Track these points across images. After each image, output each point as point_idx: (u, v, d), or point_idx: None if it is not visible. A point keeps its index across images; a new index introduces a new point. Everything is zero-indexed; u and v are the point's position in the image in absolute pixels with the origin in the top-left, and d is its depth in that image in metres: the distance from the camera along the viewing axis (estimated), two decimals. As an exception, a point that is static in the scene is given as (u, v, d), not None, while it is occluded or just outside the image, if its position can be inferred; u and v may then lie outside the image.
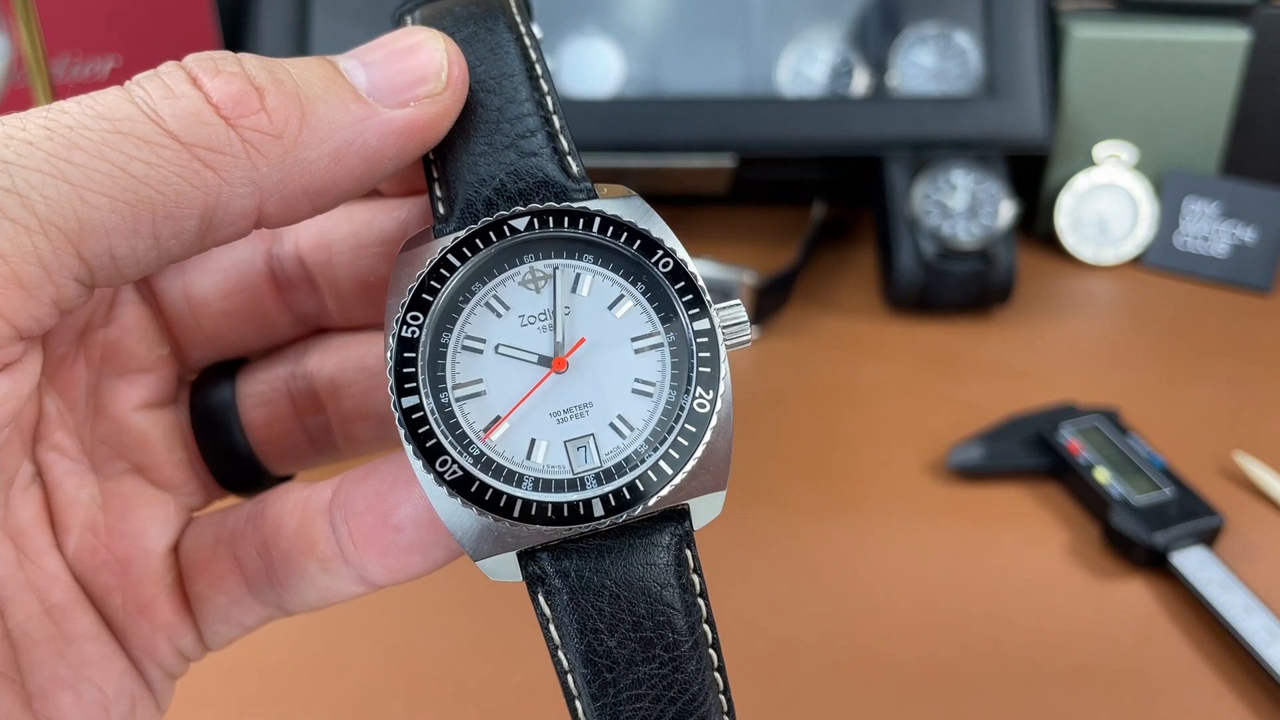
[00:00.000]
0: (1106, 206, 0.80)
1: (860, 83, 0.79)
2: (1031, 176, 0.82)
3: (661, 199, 0.83)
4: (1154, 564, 0.52)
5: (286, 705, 0.45)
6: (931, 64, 0.79)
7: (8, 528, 0.24)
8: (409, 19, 0.24)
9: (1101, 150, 0.80)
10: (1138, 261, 0.81)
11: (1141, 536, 0.52)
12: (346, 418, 0.27)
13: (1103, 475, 0.55)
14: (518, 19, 0.24)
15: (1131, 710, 0.45)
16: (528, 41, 0.23)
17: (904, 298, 0.73)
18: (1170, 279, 0.79)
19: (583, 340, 0.21)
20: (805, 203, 0.84)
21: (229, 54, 0.20)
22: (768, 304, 0.71)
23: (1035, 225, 0.83)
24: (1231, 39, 0.77)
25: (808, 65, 0.79)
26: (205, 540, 0.26)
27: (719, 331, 0.22)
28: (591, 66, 0.79)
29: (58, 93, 0.56)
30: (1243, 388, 0.66)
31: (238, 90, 0.19)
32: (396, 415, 0.21)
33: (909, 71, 0.79)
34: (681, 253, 0.22)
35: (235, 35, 0.75)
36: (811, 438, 0.62)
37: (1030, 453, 0.58)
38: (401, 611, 0.48)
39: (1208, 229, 0.79)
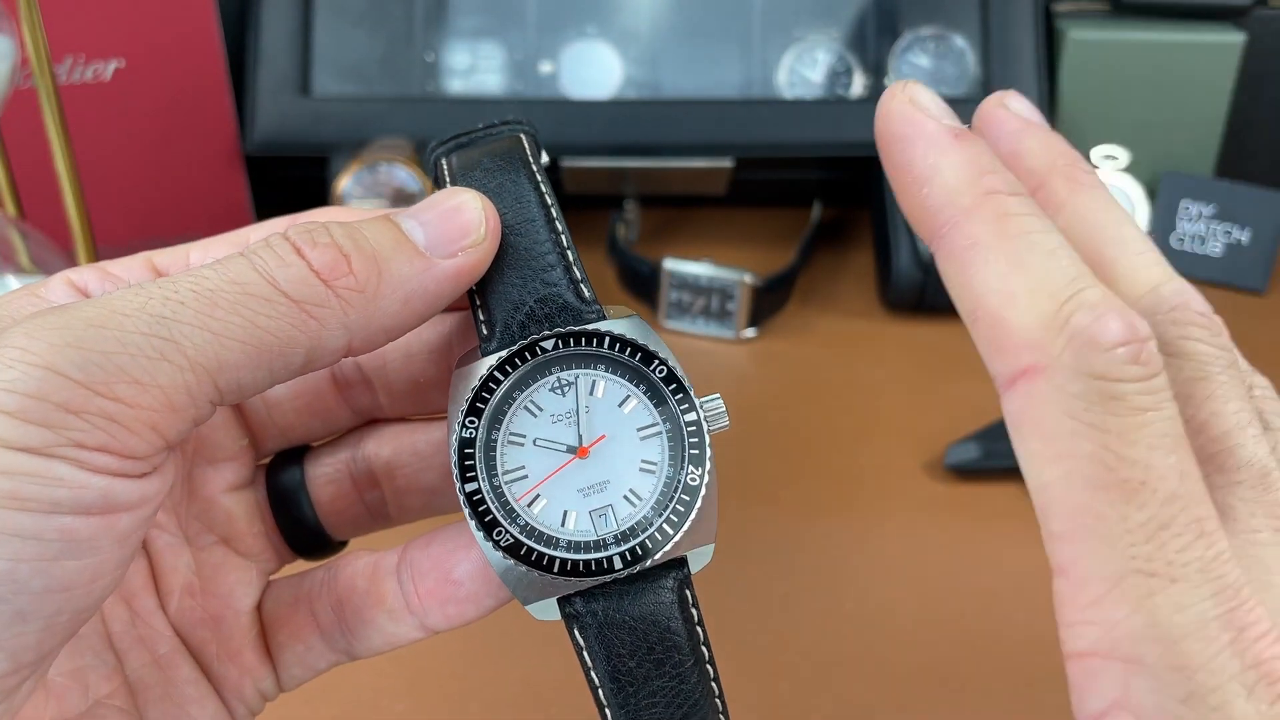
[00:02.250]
0: (1103, 208, 0.81)
1: (859, 85, 0.80)
2: (1028, 178, 0.82)
3: (661, 200, 0.83)
4: (1149, 562, 0.52)
5: (288, 704, 0.45)
6: (929, 66, 0.79)
7: (122, 593, 0.29)
8: (444, 163, 0.30)
9: (1097, 152, 0.80)
10: (1134, 262, 0.81)
11: (1137, 535, 0.52)
12: (399, 492, 0.32)
13: (1099, 474, 0.56)
14: (535, 171, 0.29)
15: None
16: (544, 190, 0.29)
17: (902, 298, 0.73)
18: (1166, 280, 0.80)
19: (603, 436, 0.28)
20: (804, 204, 0.84)
21: (320, 226, 0.26)
22: (766, 304, 0.71)
23: (1032, 226, 0.83)
24: (1227, 41, 0.78)
25: (806, 67, 0.80)
26: (286, 599, 0.31)
27: (704, 420, 0.28)
28: (591, 69, 0.79)
29: (62, 94, 0.56)
30: (1238, 387, 0.66)
31: (332, 258, 0.25)
32: (460, 498, 0.27)
33: (907, 73, 0.79)
34: (673, 361, 0.28)
35: (239, 39, 0.76)
36: (809, 437, 0.62)
37: (1027, 452, 0.59)
38: (404, 609, 0.49)
39: (1203, 230, 0.80)
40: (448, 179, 0.30)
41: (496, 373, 0.27)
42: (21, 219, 0.59)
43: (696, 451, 0.27)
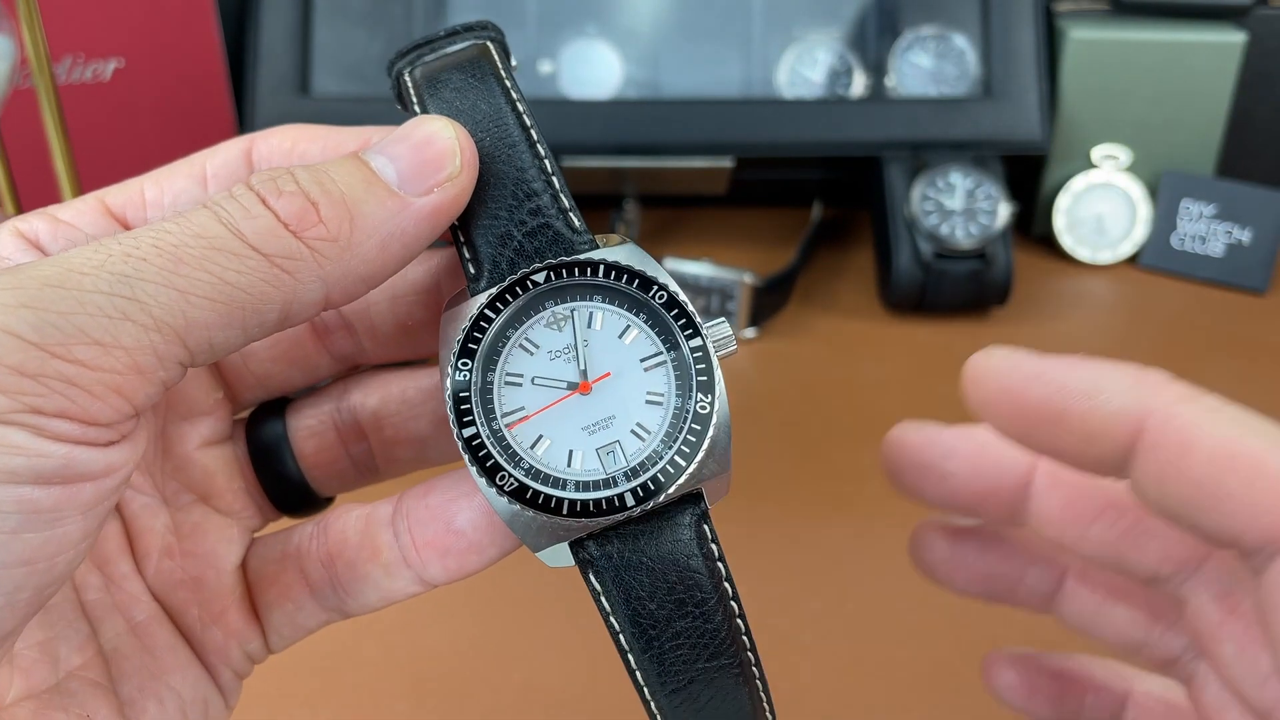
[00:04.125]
0: (1103, 207, 0.81)
1: (859, 84, 0.80)
2: (1029, 177, 0.83)
3: (661, 200, 0.83)
4: (1150, 562, 0.52)
5: (289, 704, 0.45)
6: (929, 65, 0.79)
7: (95, 558, 0.28)
8: (406, 79, 0.28)
9: (1098, 152, 0.80)
10: (1134, 262, 0.81)
11: (1138, 535, 0.52)
12: (388, 444, 0.31)
13: (1099, 474, 0.56)
14: (510, 86, 0.27)
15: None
16: (522, 108, 0.27)
17: (902, 298, 0.73)
18: (1167, 279, 0.80)
19: (608, 374, 0.26)
20: (804, 204, 0.84)
21: (285, 172, 0.24)
22: (767, 304, 0.71)
23: (1033, 226, 0.83)
24: (1228, 40, 0.78)
25: (807, 67, 0.79)
26: (272, 556, 0.30)
27: (710, 346, 0.26)
28: (591, 68, 0.79)
29: (62, 94, 0.56)
30: (1238, 387, 0.66)
31: (299, 208, 0.23)
32: (459, 443, 0.25)
33: (907, 73, 0.79)
34: (673, 286, 0.26)
35: (238, 39, 0.76)
36: (810, 437, 0.62)
37: (1027, 452, 0.59)
38: (405, 611, 0.48)
39: (1204, 229, 0.79)
40: (414, 100, 0.28)
41: (487, 310, 0.26)
42: (21, 219, 0.59)
43: (705, 379, 0.26)
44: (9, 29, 0.53)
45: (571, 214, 0.27)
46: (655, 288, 0.26)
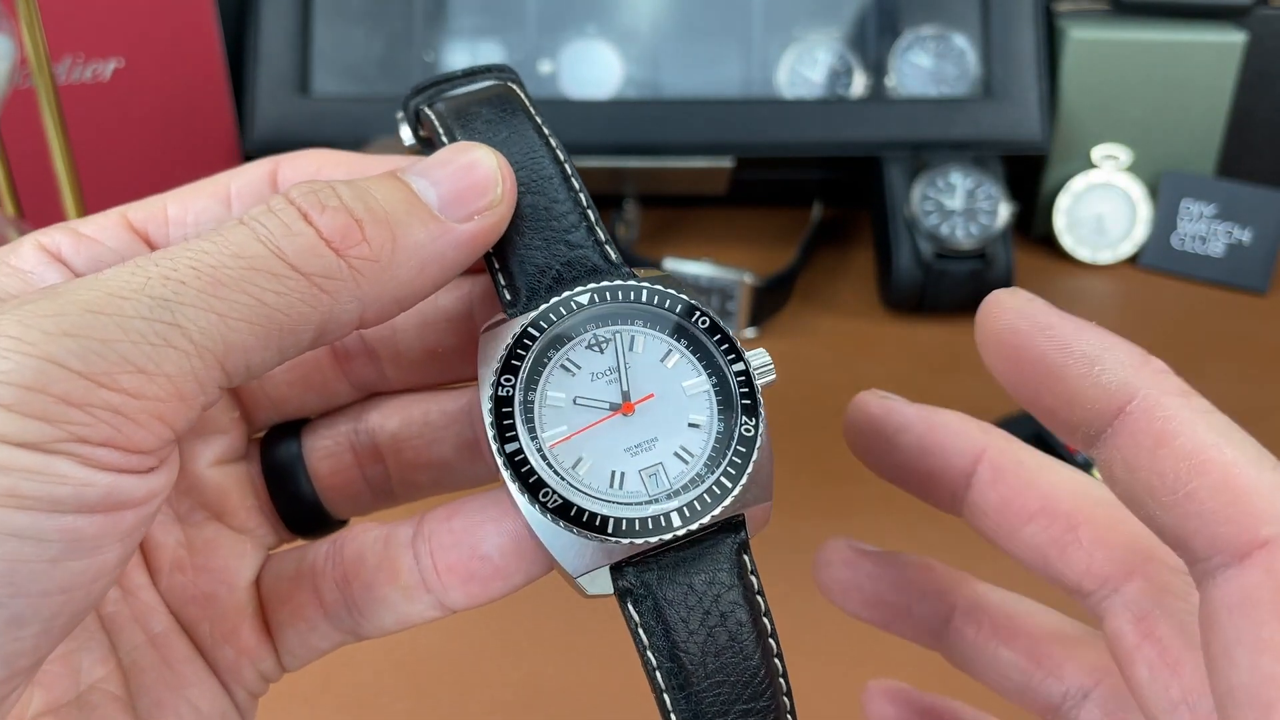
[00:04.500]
0: (1103, 207, 0.81)
1: (859, 84, 0.80)
2: (1029, 177, 0.82)
3: (661, 200, 0.83)
4: (1150, 562, 0.52)
5: (290, 703, 0.45)
6: (929, 65, 0.79)
7: None
8: (429, 112, 0.28)
9: (1098, 152, 0.80)
10: (1134, 262, 0.81)
11: (1138, 535, 0.52)
12: (406, 467, 0.30)
13: (1099, 474, 0.56)
14: (541, 122, 0.27)
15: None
16: (554, 142, 0.27)
17: (902, 298, 0.73)
18: (1167, 279, 0.80)
19: (651, 395, 0.26)
20: (804, 204, 0.84)
21: (326, 186, 0.24)
22: (767, 304, 0.71)
23: (1033, 226, 0.83)
24: (1228, 40, 0.78)
25: (807, 67, 0.79)
26: (286, 575, 0.29)
27: (753, 371, 0.26)
28: (591, 68, 0.79)
29: (62, 94, 0.56)
30: (1239, 387, 0.66)
31: (343, 224, 0.23)
32: (499, 459, 0.25)
33: (907, 73, 0.79)
34: (714, 314, 0.26)
35: (238, 39, 0.76)
36: (810, 437, 0.62)
37: (1028, 452, 0.58)
38: (403, 610, 0.49)
39: (1204, 229, 0.79)
40: (440, 132, 0.27)
41: (531, 328, 0.25)
42: (21, 219, 0.59)
43: (748, 402, 0.26)
44: (9, 29, 0.53)
45: (608, 246, 0.27)
46: (697, 314, 0.26)
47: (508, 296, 0.27)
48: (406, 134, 0.30)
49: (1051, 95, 0.79)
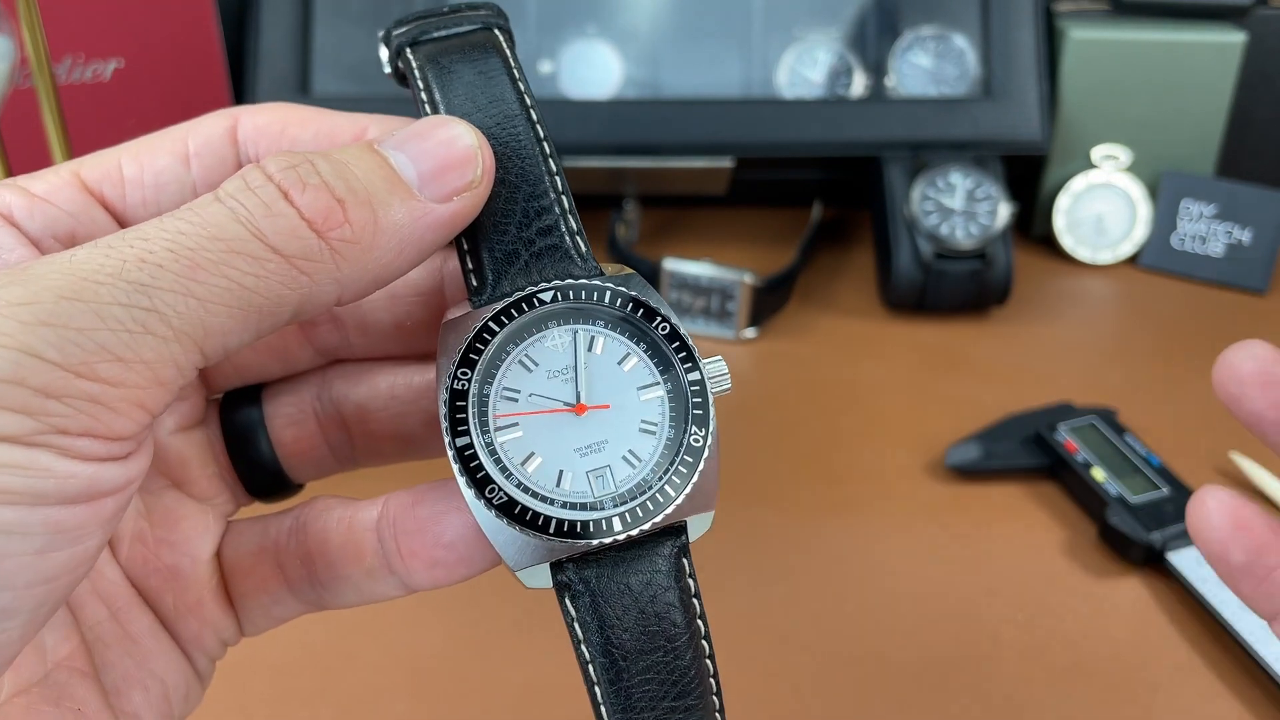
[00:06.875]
0: (1103, 207, 0.81)
1: (859, 84, 0.80)
2: (1029, 177, 0.82)
3: (661, 200, 0.83)
4: (1150, 562, 0.52)
5: (290, 703, 0.45)
6: (929, 66, 0.79)
7: None
8: (409, 53, 0.28)
9: (1098, 152, 0.80)
10: (1134, 262, 0.81)
11: (1138, 535, 0.52)
12: (372, 437, 0.30)
13: (1100, 474, 0.56)
14: (523, 89, 0.27)
15: (1128, 707, 0.45)
16: (535, 114, 0.27)
17: (902, 298, 0.73)
18: (1167, 279, 0.80)
19: (608, 405, 0.26)
20: (804, 204, 0.84)
21: (306, 162, 0.23)
22: (767, 304, 0.71)
23: (1033, 226, 0.83)
24: (1228, 40, 0.78)
25: (807, 67, 0.79)
26: (248, 548, 0.29)
27: (708, 381, 0.26)
28: (591, 68, 0.79)
29: (62, 94, 0.56)
30: (1239, 387, 0.66)
31: (325, 205, 0.22)
32: (451, 452, 0.25)
33: (907, 73, 0.79)
34: (675, 319, 0.26)
35: (238, 39, 0.76)
36: (810, 437, 0.62)
37: (1028, 452, 0.59)
38: (404, 611, 0.49)
39: (1204, 230, 0.79)
40: (419, 85, 0.27)
41: (491, 323, 0.25)
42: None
43: (700, 412, 0.26)
44: (9, 29, 0.53)
45: (579, 238, 0.27)
46: (658, 319, 0.26)
47: (474, 283, 0.26)
48: (384, 61, 0.29)
49: (1051, 95, 0.79)
